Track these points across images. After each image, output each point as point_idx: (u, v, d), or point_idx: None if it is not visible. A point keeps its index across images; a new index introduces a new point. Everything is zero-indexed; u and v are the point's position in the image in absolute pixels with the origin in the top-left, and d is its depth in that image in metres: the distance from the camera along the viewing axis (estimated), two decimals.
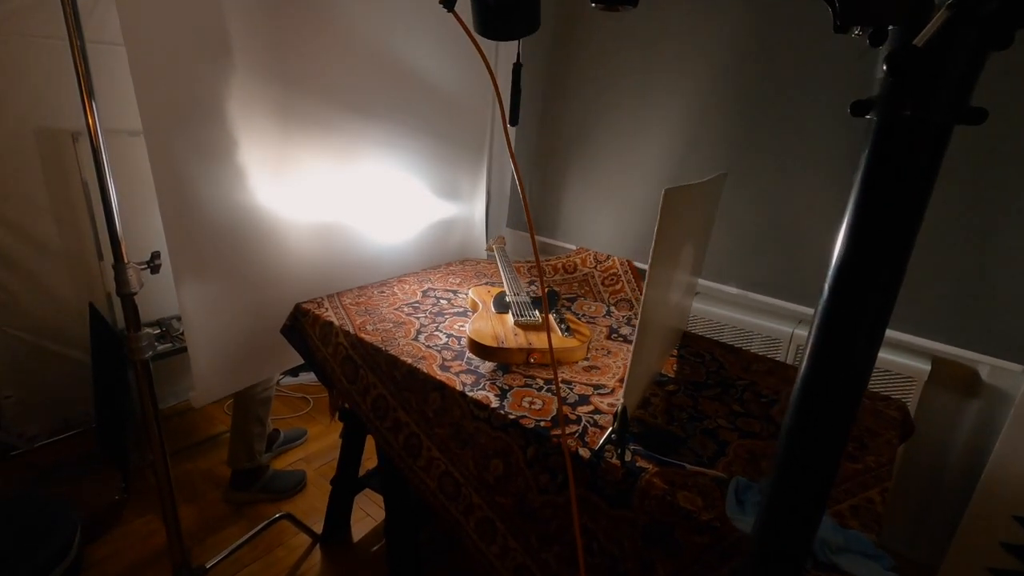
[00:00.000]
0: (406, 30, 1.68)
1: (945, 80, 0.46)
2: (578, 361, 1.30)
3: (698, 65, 1.82)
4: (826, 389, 0.56)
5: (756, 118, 1.74)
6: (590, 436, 1.02)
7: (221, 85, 1.31)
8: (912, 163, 0.49)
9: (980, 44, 0.44)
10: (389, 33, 1.64)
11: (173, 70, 1.21)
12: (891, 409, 1.20)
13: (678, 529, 0.86)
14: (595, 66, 2.05)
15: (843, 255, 0.52)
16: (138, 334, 1.12)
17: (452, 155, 2.01)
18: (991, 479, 1.51)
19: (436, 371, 1.21)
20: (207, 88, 1.29)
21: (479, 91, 2.00)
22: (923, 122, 0.47)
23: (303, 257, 1.61)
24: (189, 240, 1.33)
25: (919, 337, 1.56)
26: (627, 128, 2.02)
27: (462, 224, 2.17)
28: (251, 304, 1.51)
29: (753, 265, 1.84)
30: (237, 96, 1.35)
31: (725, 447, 1.01)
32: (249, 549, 1.66)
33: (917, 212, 0.50)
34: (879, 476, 0.96)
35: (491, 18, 0.68)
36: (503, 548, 1.13)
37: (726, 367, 1.34)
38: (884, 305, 0.53)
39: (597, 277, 2.11)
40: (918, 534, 1.76)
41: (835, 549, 0.76)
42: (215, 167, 1.35)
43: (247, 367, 1.58)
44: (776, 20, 1.64)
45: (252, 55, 1.35)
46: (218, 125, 1.33)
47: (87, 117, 1.00)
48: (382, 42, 1.64)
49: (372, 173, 1.74)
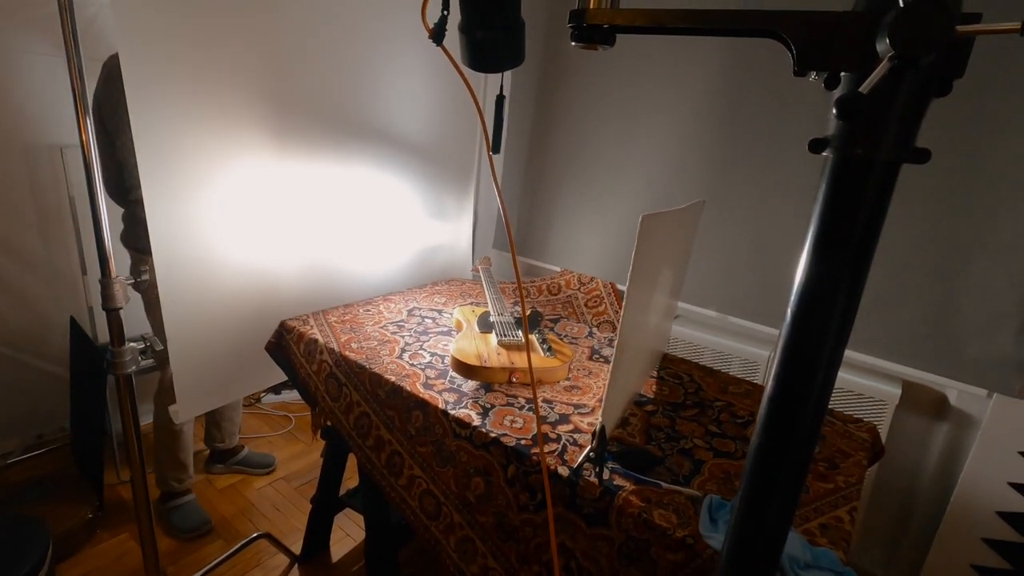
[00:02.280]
0: (398, 59, 1.73)
1: (892, 123, 0.50)
2: (559, 381, 1.32)
3: (679, 99, 1.89)
4: (791, 408, 0.59)
5: (734, 149, 1.80)
6: (569, 455, 1.04)
7: (213, 105, 1.34)
8: (864, 198, 0.53)
9: (922, 92, 0.49)
10: (382, 61, 1.69)
11: (166, 89, 1.24)
12: (861, 431, 1.24)
13: (653, 546, 0.88)
14: (582, 96, 2.12)
15: (803, 282, 0.56)
16: (122, 348, 1.13)
17: (440, 177, 2.05)
18: (960, 502, 1.55)
19: (419, 389, 1.23)
20: (199, 108, 1.31)
21: (466, 118, 2.05)
22: (873, 160, 0.51)
23: (289, 275, 1.62)
24: (176, 255, 1.34)
25: (890, 362, 1.61)
26: (612, 155, 2.08)
27: (449, 244, 2.20)
28: (236, 321, 1.52)
29: (732, 289, 1.89)
30: (229, 115, 1.37)
31: (701, 466, 1.04)
32: (226, 569, 1.64)
33: (870, 242, 0.54)
34: (848, 496, 0.99)
35: (478, 52, 0.72)
36: (483, 568, 1.13)
37: (704, 388, 1.37)
38: (842, 328, 0.56)
39: (581, 299, 2.15)
40: (892, 556, 1.79)
41: (803, 565, 0.78)
42: (205, 185, 1.37)
43: (230, 383, 1.58)
44: (751, 61, 1.72)
45: (245, 76, 1.38)
46: (210, 144, 1.35)
47: (81, 133, 1.02)
48: (374, 69, 1.68)
49: (360, 193, 1.77)
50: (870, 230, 0.54)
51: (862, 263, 0.55)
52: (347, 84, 1.62)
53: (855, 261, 0.55)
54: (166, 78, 1.23)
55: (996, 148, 1.40)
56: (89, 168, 1.08)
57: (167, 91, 1.24)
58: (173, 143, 1.28)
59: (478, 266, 1.93)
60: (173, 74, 1.24)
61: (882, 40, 0.45)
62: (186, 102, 1.28)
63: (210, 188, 1.38)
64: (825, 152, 0.54)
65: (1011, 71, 1.36)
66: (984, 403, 1.53)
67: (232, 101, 1.37)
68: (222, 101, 1.35)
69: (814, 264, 0.56)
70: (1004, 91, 1.37)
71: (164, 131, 1.26)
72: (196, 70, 1.29)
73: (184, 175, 1.32)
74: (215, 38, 1.30)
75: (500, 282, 1.86)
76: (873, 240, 0.54)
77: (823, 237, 0.55)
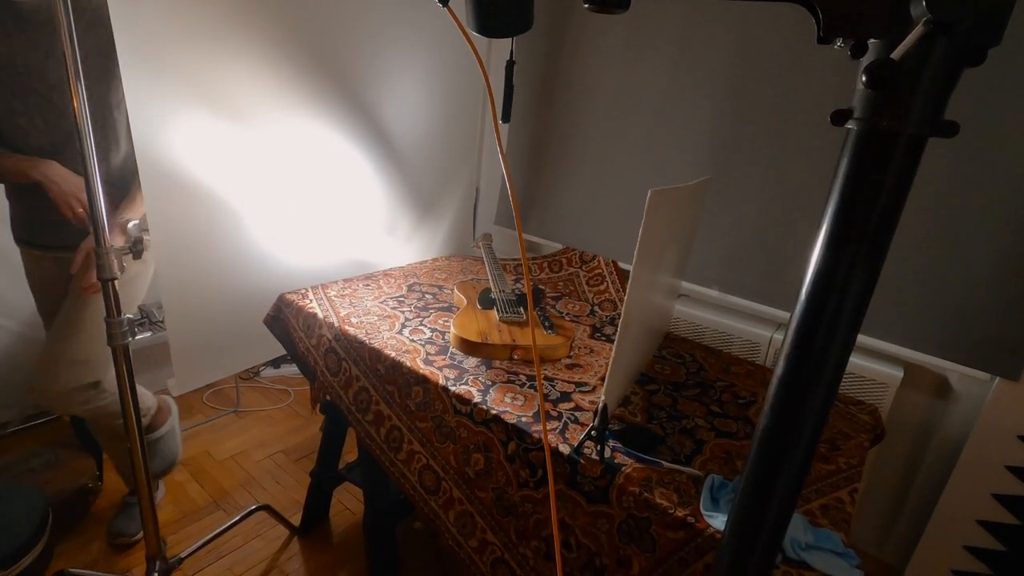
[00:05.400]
0: (400, 24, 1.68)
1: (921, 94, 0.47)
2: (561, 359, 1.31)
3: (688, 71, 1.84)
4: (801, 391, 0.57)
5: (743, 124, 1.76)
6: (570, 432, 1.03)
7: (209, 72, 1.30)
8: (888, 172, 0.50)
9: (955, 60, 0.46)
10: (386, 25, 1.64)
11: (162, 60, 1.20)
12: (863, 413, 1.24)
13: (654, 524, 0.88)
14: (589, 70, 2.07)
15: (820, 261, 0.54)
16: (119, 319, 1.11)
17: (442, 152, 2.01)
18: (957, 483, 1.55)
19: (419, 365, 1.22)
20: (194, 75, 1.28)
21: (470, 89, 2.00)
22: (899, 133, 0.48)
23: (288, 248, 1.60)
24: (172, 226, 1.32)
25: (892, 344, 1.60)
26: (617, 131, 2.04)
27: (450, 220, 2.17)
28: (234, 293, 1.50)
29: (735, 269, 1.87)
30: (227, 83, 1.34)
31: (702, 446, 1.03)
32: (226, 539, 1.65)
33: (892, 219, 0.52)
34: (849, 477, 0.99)
35: (486, 16, 0.69)
36: (482, 542, 1.14)
37: (706, 368, 1.36)
38: (857, 309, 0.55)
39: (582, 277, 2.13)
40: (887, 536, 1.80)
41: (805, 546, 0.78)
42: (202, 155, 1.34)
43: (228, 356, 1.57)
44: (764, 29, 1.67)
45: (242, 40, 1.34)
46: (206, 112, 1.32)
47: (73, 100, 0.99)
48: (378, 34, 1.64)
49: (360, 167, 1.73)
50: (892, 208, 0.51)
51: (882, 242, 0.53)
52: (346, 51, 1.58)
53: (875, 240, 0.53)
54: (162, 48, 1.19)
55: (1009, 129, 1.37)
56: (83, 140, 1.05)
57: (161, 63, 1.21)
58: (168, 113, 1.25)
59: (479, 242, 1.91)
60: (167, 46, 1.20)
61: (917, 3, 0.42)
62: (180, 73, 1.25)
63: (208, 160, 1.35)
64: (848, 124, 0.51)
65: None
66: (986, 387, 1.52)
67: (227, 68, 1.33)
68: (218, 72, 1.32)
69: (832, 242, 0.54)
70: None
71: (157, 101, 1.22)
72: (191, 41, 1.25)
73: (180, 145, 1.29)
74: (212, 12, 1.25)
75: (501, 259, 1.84)
76: (895, 218, 0.52)
77: (843, 214, 0.53)
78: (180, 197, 1.34)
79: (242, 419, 2.28)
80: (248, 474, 1.98)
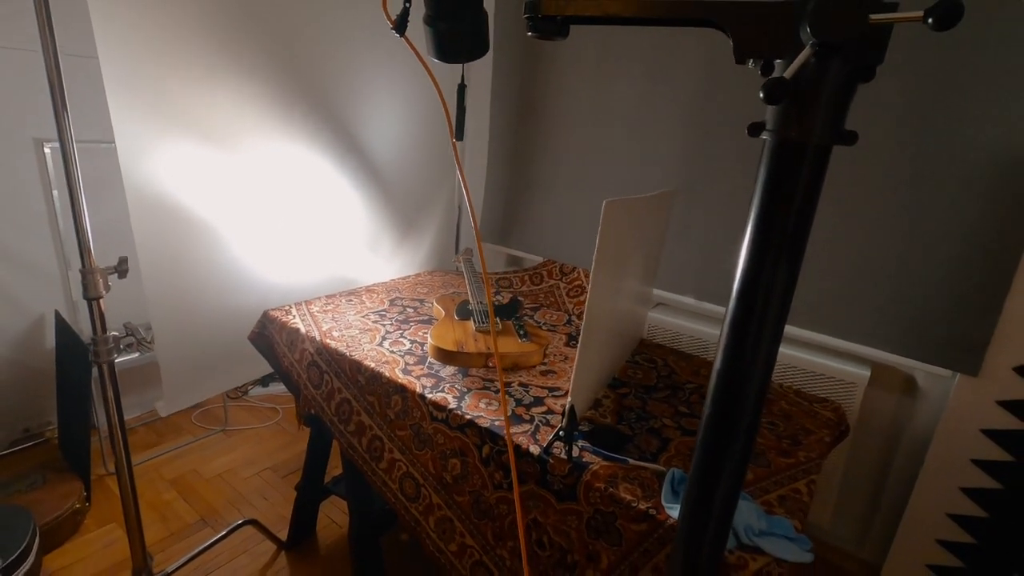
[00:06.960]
0: (379, 49, 1.75)
1: (822, 107, 0.53)
2: (535, 365, 1.36)
3: (659, 86, 1.92)
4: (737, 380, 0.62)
5: (713, 137, 1.84)
6: (541, 434, 1.07)
7: (192, 94, 1.35)
8: (798, 179, 0.56)
9: (848, 77, 0.52)
10: (364, 49, 1.71)
11: (144, 80, 1.25)
12: (827, 410, 1.28)
13: (619, 518, 0.92)
14: (566, 88, 2.14)
15: (746, 260, 0.59)
16: (104, 336, 1.15)
17: (423, 171, 2.07)
18: (927, 479, 1.60)
19: (398, 375, 1.26)
20: (178, 101, 1.33)
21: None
22: (806, 143, 0.54)
23: (276, 268, 1.64)
24: (160, 247, 1.36)
25: (859, 344, 1.66)
26: (593, 146, 2.11)
27: (432, 236, 2.22)
28: (222, 313, 1.54)
29: (709, 277, 1.93)
30: (210, 108, 1.39)
31: (668, 443, 1.08)
32: (213, 555, 1.67)
33: (806, 220, 0.58)
34: (808, 470, 1.04)
35: (442, 43, 0.75)
36: (461, 546, 1.17)
37: (677, 372, 1.41)
38: (782, 304, 0.60)
39: (563, 288, 2.18)
40: (865, 533, 1.84)
41: (759, 532, 0.82)
42: (187, 178, 1.39)
43: (216, 375, 1.60)
44: (728, 54, 1.75)
45: (228, 71, 1.40)
46: (190, 137, 1.37)
47: (60, 127, 1.03)
48: (357, 58, 1.70)
49: (344, 188, 1.79)
50: (806, 209, 0.57)
51: (799, 241, 0.59)
52: (327, 74, 1.64)
53: (793, 239, 0.58)
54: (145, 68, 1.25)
55: (955, 135, 1.45)
56: (68, 161, 1.10)
57: (144, 83, 1.26)
58: (153, 136, 1.30)
59: (460, 257, 1.96)
60: (150, 64, 1.26)
61: (803, 28, 0.48)
62: (163, 94, 1.30)
63: (193, 179, 1.40)
64: (763, 136, 0.57)
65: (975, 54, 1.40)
66: (949, 383, 1.58)
67: (210, 94, 1.39)
68: (202, 97, 1.37)
69: (755, 243, 0.59)
70: (971, 67, 1.41)
71: (142, 123, 1.27)
72: (173, 60, 1.30)
73: (165, 167, 1.34)
74: (193, 30, 1.31)
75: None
76: (808, 219, 0.58)
77: (763, 217, 0.58)
78: (167, 219, 1.38)
79: (230, 438, 2.30)
80: (236, 491, 1.99)
